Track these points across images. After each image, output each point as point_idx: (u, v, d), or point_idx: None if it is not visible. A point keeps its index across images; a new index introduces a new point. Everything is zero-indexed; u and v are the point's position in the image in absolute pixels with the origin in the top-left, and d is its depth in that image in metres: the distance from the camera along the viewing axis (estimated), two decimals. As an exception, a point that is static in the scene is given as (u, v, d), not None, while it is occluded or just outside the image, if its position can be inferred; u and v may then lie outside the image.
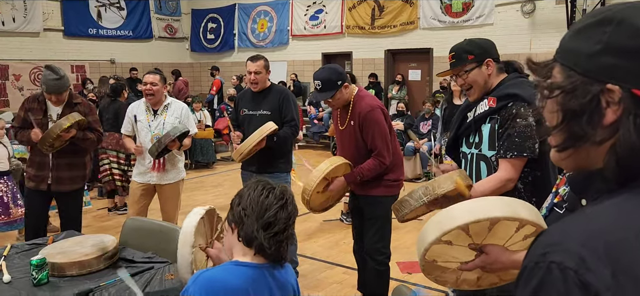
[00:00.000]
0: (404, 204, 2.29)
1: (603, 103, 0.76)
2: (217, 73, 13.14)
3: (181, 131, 3.98)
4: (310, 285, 4.26)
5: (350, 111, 3.33)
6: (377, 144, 3.24)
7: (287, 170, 4.16)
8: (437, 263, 1.58)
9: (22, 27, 12.22)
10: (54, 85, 3.83)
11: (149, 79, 4.13)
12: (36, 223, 3.98)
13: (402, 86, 11.88)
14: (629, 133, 0.74)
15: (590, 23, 0.80)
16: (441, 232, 1.45)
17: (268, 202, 1.62)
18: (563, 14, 9.45)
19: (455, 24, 11.10)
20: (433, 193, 2.17)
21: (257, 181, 1.70)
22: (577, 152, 0.82)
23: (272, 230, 1.61)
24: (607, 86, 0.75)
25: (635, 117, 0.73)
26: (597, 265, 0.66)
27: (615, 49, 0.76)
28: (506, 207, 1.43)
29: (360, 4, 12.64)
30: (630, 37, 0.75)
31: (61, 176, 3.96)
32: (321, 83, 3.26)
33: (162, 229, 3.16)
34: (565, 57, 0.82)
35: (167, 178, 4.23)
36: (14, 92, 12.12)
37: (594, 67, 0.77)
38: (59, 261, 2.51)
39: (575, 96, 0.78)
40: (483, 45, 2.41)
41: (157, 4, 15.10)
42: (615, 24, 0.77)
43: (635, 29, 0.75)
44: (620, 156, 0.75)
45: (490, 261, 1.51)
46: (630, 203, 0.73)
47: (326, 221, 5.96)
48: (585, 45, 0.79)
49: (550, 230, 0.76)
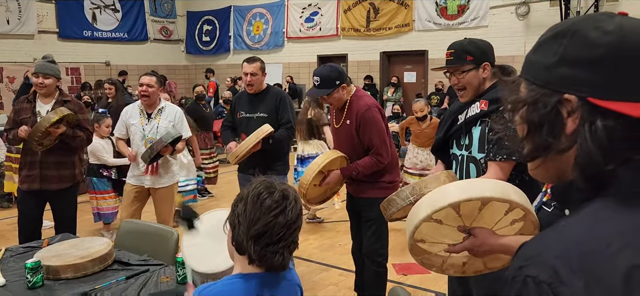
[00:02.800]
0: (391, 203, 2.33)
1: (563, 113, 0.79)
2: (211, 75, 13.12)
3: (174, 137, 3.97)
4: (306, 287, 4.26)
5: (346, 110, 3.34)
6: (375, 143, 3.26)
7: (284, 172, 4.16)
8: (425, 243, 1.60)
9: (17, 29, 12.18)
10: (41, 66, 3.85)
11: (145, 81, 4.12)
12: (30, 227, 3.95)
13: (398, 88, 11.91)
14: (586, 141, 0.76)
15: (549, 37, 0.84)
16: (433, 209, 1.46)
17: (263, 209, 1.51)
18: (557, 16, 9.51)
19: (450, 26, 11.14)
20: (419, 193, 2.20)
21: (260, 181, 1.58)
22: (545, 162, 0.84)
23: (263, 240, 1.50)
24: (564, 96, 0.78)
25: (590, 125, 0.76)
26: (570, 278, 0.68)
27: (570, 60, 0.79)
28: (498, 188, 1.45)
29: (355, 6, 12.66)
30: (583, 48, 0.78)
31: (48, 174, 3.93)
32: (320, 79, 3.28)
33: (157, 232, 3.15)
34: (527, 72, 0.86)
35: (161, 182, 4.22)
36: (8, 94, 12.07)
37: (552, 79, 0.80)
38: (54, 264, 2.50)
39: (536, 108, 0.81)
40: (483, 47, 2.41)
41: (153, 6, 15.09)
42: (569, 36, 0.80)
43: (588, 39, 0.78)
44: (580, 165, 0.77)
45: (478, 244, 1.53)
46: (602, 213, 0.75)
47: (326, 221, 5.96)
48: (544, 58, 0.83)
49: (529, 242, 0.78)
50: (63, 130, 3.79)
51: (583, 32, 0.79)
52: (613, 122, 0.74)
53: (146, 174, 4.17)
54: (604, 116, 0.75)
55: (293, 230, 1.55)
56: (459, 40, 2.44)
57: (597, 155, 0.75)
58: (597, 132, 0.75)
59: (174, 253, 2.83)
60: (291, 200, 1.55)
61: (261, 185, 1.56)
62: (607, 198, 0.76)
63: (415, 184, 2.24)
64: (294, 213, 1.54)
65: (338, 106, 3.39)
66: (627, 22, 0.79)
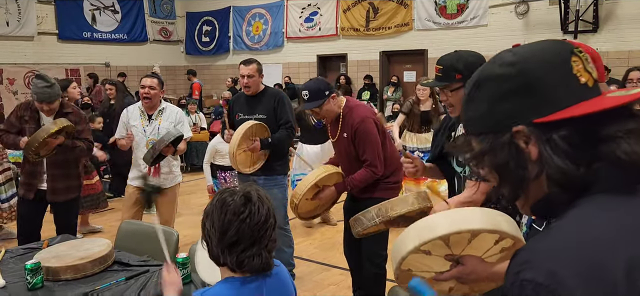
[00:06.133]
0: (358, 222, 2.39)
1: (521, 144, 0.82)
2: (193, 77, 12.90)
3: (175, 136, 3.95)
4: (307, 288, 4.26)
5: (341, 123, 3.33)
6: (368, 156, 3.24)
7: (284, 172, 4.16)
8: (411, 272, 1.56)
9: (16, 31, 12.18)
10: (43, 93, 3.74)
11: (147, 82, 4.11)
12: (29, 229, 3.95)
13: (397, 87, 11.90)
14: (551, 157, 0.79)
15: (468, 95, 0.91)
16: (421, 241, 1.43)
17: (227, 218, 1.49)
18: (557, 15, 9.50)
19: (449, 25, 11.13)
20: (386, 214, 2.25)
21: (219, 192, 1.58)
22: (526, 194, 0.87)
23: (237, 248, 1.49)
24: (513, 130, 0.82)
25: (547, 141, 0.79)
26: (567, 277, 0.69)
27: (498, 100, 0.84)
28: (488, 219, 1.42)
29: (354, 5, 12.66)
30: (501, 84, 0.84)
31: (57, 187, 3.93)
32: (309, 92, 3.27)
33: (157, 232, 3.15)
34: (472, 127, 0.90)
35: (163, 183, 4.19)
36: (8, 96, 12.07)
37: (493, 122, 0.85)
38: (54, 265, 2.50)
39: (496, 152, 0.85)
40: (472, 65, 2.17)
41: (152, 7, 15.08)
42: (483, 82, 0.87)
43: (499, 76, 0.84)
44: (555, 180, 0.80)
45: (467, 272, 1.50)
46: (589, 212, 0.76)
47: (323, 223, 5.96)
48: (476, 112, 0.88)
49: (523, 248, 0.80)
50: (61, 141, 3.76)
51: (491, 74, 0.86)
52: (566, 130, 0.77)
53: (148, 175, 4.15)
54: (556, 128, 0.78)
55: (265, 229, 1.52)
56: (448, 55, 2.28)
57: (566, 165, 0.78)
58: (557, 145, 0.78)
59: (175, 254, 2.82)
60: (255, 201, 1.52)
61: (224, 193, 1.55)
62: (592, 197, 0.77)
63: (382, 205, 2.27)
64: (261, 214, 1.51)
65: (331, 119, 3.37)
66: (521, 48, 0.86)
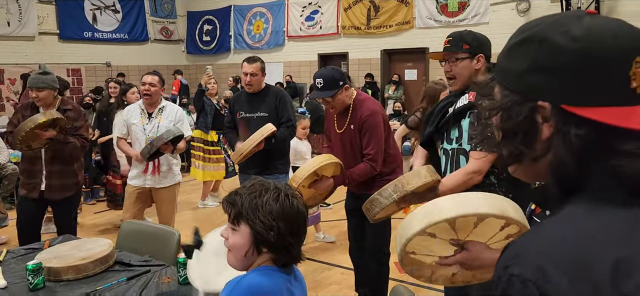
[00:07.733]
0: (375, 203, 2.30)
1: (538, 119, 0.79)
2: (179, 75, 13.18)
3: (175, 134, 3.93)
4: (309, 286, 4.20)
5: (350, 115, 3.30)
6: (371, 149, 3.22)
7: (285, 170, 4.16)
8: (415, 255, 1.57)
9: (17, 31, 12.18)
10: (32, 79, 3.82)
11: (148, 80, 4.12)
12: (29, 229, 3.95)
13: (399, 86, 11.89)
14: (560, 150, 0.77)
15: (516, 42, 0.82)
16: (428, 223, 1.43)
17: (286, 204, 1.50)
18: (558, 12, 9.47)
19: (451, 23, 11.11)
20: (403, 189, 2.19)
21: (257, 182, 1.55)
22: (521, 166, 0.85)
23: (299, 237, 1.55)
24: (538, 103, 0.78)
25: (564, 134, 0.76)
26: (555, 274, 0.68)
27: (540, 67, 0.78)
28: (495, 204, 1.43)
29: (355, 4, 12.64)
30: (552, 55, 0.77)
31: (53, 184, 3.92)
32: (323, 81, 3.21)
33: (158, 232, 3.15)
34: (500, 76, 0.85)
35: (163, 182, 4.20)
36: (9, 96, 12.08)
37: (524, 86, 0.80)
38: (55, 265, 2.50)
39: (511, 116, 0.81)
40: (480, 39, 2.43)
41: (153, 7, 15.08)
42: (537, 42, 0.79)
43: (555, 46, 0.77)
44: (553, 171, 0.78)
45: (471, 258, 1.51)
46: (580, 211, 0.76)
47: (323, 222, 5.95)
48: (514, 65, 0.81)
49: (514, 242, 0.79)
50: (52, 135, 3.73)
51: (550, 39, 0.78)
52: (586, 129, 0.75)
53: (146, 173, 4.16)
54: (577, 125, 0.75)
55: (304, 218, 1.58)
56: (459, 30, 2.48)
57: (570, 163, 0.76)
58: (571, 141, 0.75)
59: (176, 254, 2.82)
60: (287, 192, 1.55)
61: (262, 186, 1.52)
62: (589, 199, 0.76)
63: (397, 181, 2.22)
64: (298, 202, 1.55)
65: (340, 110, 3.34)
66: (595, 24, 0.77)
